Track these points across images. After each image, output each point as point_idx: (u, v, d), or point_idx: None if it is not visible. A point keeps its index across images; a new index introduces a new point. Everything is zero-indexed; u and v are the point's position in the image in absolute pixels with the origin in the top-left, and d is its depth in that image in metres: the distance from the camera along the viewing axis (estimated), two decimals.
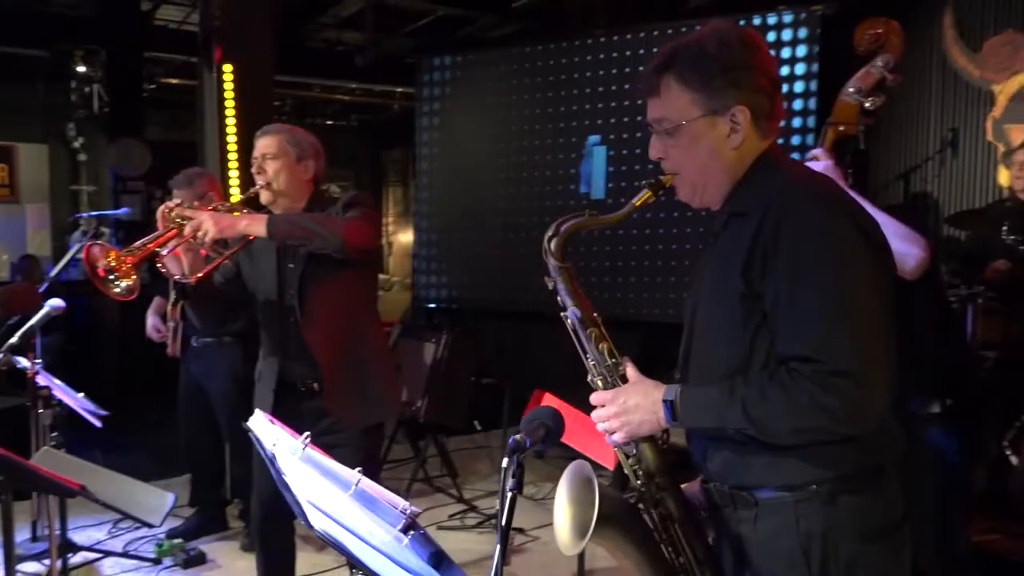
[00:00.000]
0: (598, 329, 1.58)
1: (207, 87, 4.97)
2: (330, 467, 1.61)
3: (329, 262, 2.51)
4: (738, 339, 1.42)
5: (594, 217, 1.57)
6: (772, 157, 1.51)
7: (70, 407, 3.36)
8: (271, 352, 2.67)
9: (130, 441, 5.74)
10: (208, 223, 2.36)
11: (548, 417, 1.51)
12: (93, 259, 2.31)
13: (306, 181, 2.66)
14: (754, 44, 1.47)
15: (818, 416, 1.29)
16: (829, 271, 1.32)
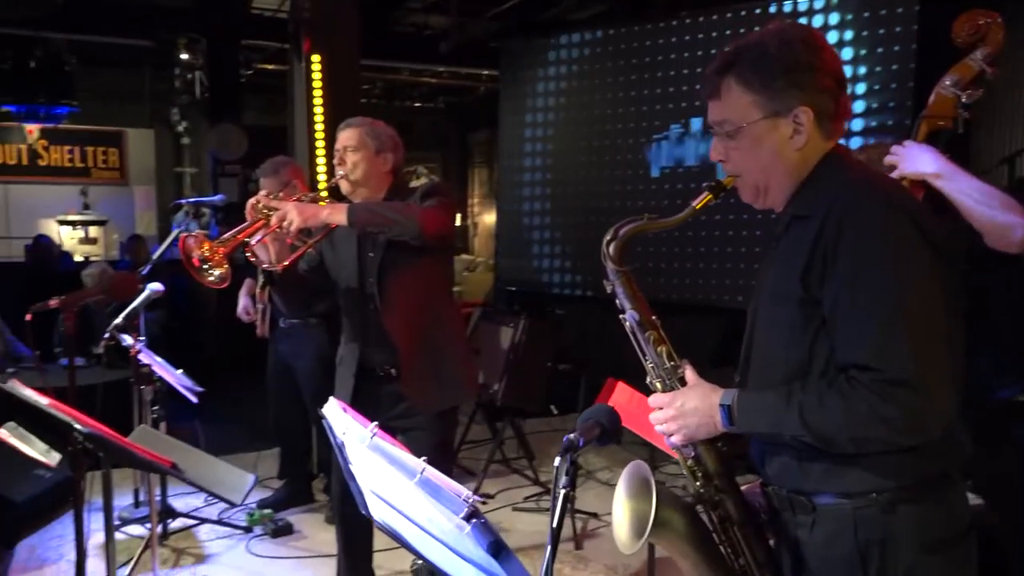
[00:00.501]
0: (657, 332, 1.58)
1: (296, 76, 5.13)
2: (396, 455, 1.67)
3: (407, 249, 2.58)
4: (797, 344, 1.40)
5: (653, 220, 1.57)
6: (836, 158, 1.47)
7: (169, 383, 3.56)
8: (352, 338, 2.77)
9: (225, 414, 6.03)
10: (293, 213, 2.46)
11: (604, 416, 1.52)
12: (188, 250, 2.45)
13: (385, 172, 2.73)
14: (817, 44, 1.44)
15: (876, 426, 1.27)
16: (888, 275, 1.29)
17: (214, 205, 5.81)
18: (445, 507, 1.61)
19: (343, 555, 2.92)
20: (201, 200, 5.07)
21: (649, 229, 1.58)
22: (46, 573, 3.56)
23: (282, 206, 2.48)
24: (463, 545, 1.53)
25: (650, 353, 1.58)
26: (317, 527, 4.00)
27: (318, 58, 4.77)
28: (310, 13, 4.76)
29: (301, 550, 3.78)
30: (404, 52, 8.62)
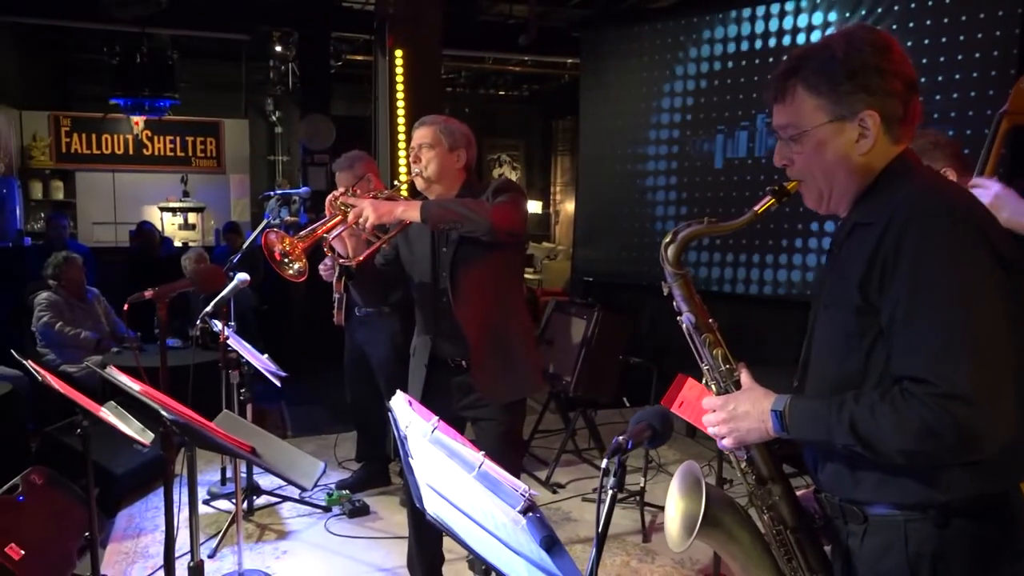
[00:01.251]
0: (713, 335, 1.59)
1: (380, 71, 5.26)
2: (456, 449, 1.74)
3: (479, 245, 2.64)
4: (853, 353, 1.39)
5: (713, 224, 1.57)
6: (905, 163, 1.44)
7: (255, 367, 3.74)
8: (424, 330, 2.85)
9: (310, 397, 6.28)
10: (368, 209, 2.55)
11: (656, 418, 1.55)
12: (270, 245, 2.58)
13: (458, 169, 2.78)
14: (886, 46, 1.40)
15: (927, 441, 1.24)
16: (949, 287, 1.26)
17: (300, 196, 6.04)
18: (502, 500, 1.67)
19: (414, 538, 3.03)
20: (287, 192, 5.26)
21: (709, 233, 1.59)
22: (142, 541, 3.80)
23: (358, 203, 2.57)
24: (516, 539, 1.58)
25: (706, 355, 1.59)
26: (392, 509, 4.14)
27: (401, 53, 4.87)
28: (394, 8, 4.87)
29: (376, 530, 3.92)
30: (488, 41, 8.67)
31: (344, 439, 5.03)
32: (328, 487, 4.31)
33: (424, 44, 5.00)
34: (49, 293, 5.32)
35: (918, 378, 1.26)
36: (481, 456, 1.70)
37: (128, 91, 7.85)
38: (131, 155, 10.28)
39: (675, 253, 1.59)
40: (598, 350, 4.60)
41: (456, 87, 11.79)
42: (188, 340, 5.57)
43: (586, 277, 6.67)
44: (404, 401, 1.95)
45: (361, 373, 4.24)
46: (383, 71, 5.20)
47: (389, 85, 5.12)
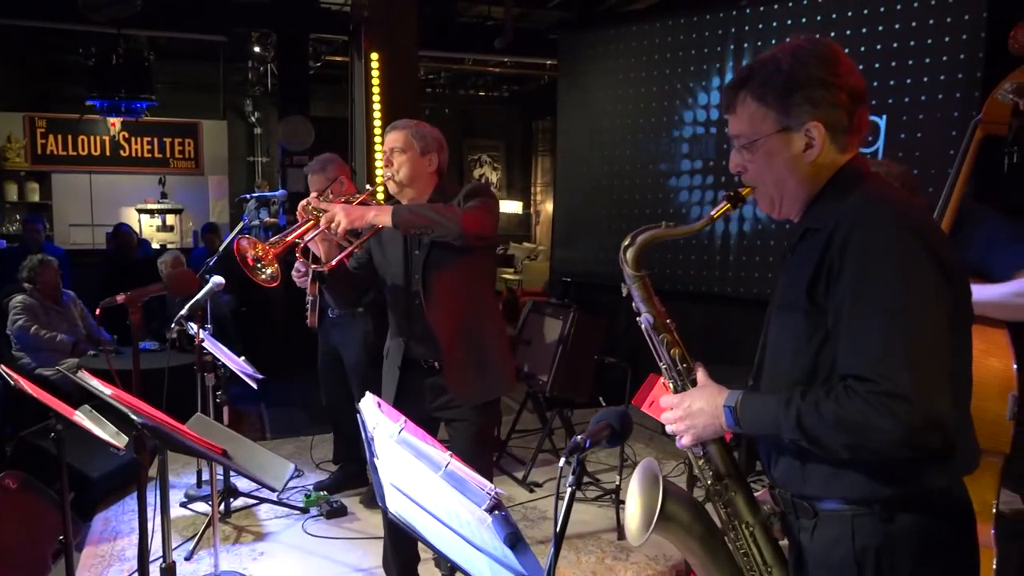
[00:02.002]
0: (670, 335, 1.64)
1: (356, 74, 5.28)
2: (423, 450, 1.78)
3: (450, 248, 2.67)
4: (802, 353, 1.45)
5: (671, 228, 1.62)
6: (853, 171, 1.49)
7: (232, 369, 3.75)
8: (397, 332, 2.89)
9: (290, 399, 6.29)
10: (340, 214, 2.57)
11: (615, 417, 1.59)
12: (243, 251, 2.60)
13: (430, 173, 2.82)
14: (832, 58, 1.46)
15: (868, 436, 1.29)
16: (891, 289, 1.31)
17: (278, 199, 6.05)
18: (469, 499, 1.71)
19: (389, 538, 3.06)
20: (264, 195, 5.28)
21: (666, 236, 1.64)
22: (119, 544, 3.81)
23: (330, 208, 2.60)
24: (481, 536, 1.62)
25: (664, 355, 1.64)
26: (370, 509, 4.17)
27: (376, 56, 4.91)
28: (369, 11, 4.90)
29: (353, 531, 3.95)
30: (467, 43, 8.71)
31: (321, 440, 5.06)
32: (306, 489, 4.33)
33: (400, 47, 5.04)
34: (24, 296, 5.30)
35: (861, 376, 1.32)
36: (447, 456, 1.74)
37: (104, 92, 7.81)
38: (108, 156, 10.23)
39: (634, 256, 1.64)
40: (574, 350, 4.65)
41: (436, 88, 11.80)
42: (165, 343, 5.58)
43: (565, 277, 6.72)
44: (373, 402, 1.98)
45: (335, 375, 4.26)
46: (359, 74, 5.23)
47: (365, 88, 5.15)
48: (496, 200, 2.85)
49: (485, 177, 13.57)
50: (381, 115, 5.14)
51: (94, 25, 7.15)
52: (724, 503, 1.65)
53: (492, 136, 13.59)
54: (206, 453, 2.00)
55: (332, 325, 4.21)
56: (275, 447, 5.14)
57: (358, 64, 5.23)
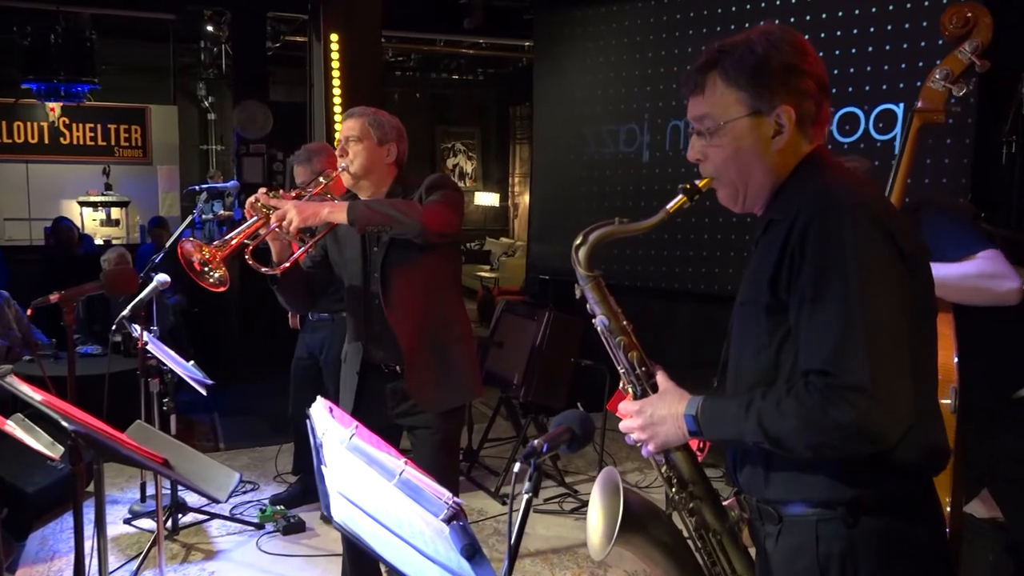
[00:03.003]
0: (628, 337, 1.69)
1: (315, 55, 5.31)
2: (376, 456, 1.82)
3: (411, 246, 2.70)
4: (764, 351, 1.50)
5: (624, 224, 1.67)
6: (816, 160, 1.55)
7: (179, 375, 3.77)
8: (355, 336, 2.92)
9: (246, 405, 6.30)
10: (292, 212, 2.59)
11: (576, 421, 1.64)
12: (188, 254, 2.61)
13: (388, 164, 2.85)
14: (802, 47, 1.53)
15: (830, 432, 1.35)
16: (848, 280, 1.37)
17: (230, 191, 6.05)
18: (425, 508, 1.76)
19: (347, 555, 3.10)
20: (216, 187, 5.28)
21: (619, 234, 1.69)
22: (56, 565, 3.81)
23: (281, 205, 2.61)
24: (435, 548, 1.66)
25: (621, 359, 1.69)
26: (330, 524, 4.19)
27: (336, 37, 4.93)
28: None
29: (312, 548, 3.98)
30: (436, 22, 8.73)
31: (280, 451, 5.07)
32: (261, 503, 4.36)
33: (362, 26, 5.06)
34: None
35: (821, 371, 1.37)
36: (402, 463, 1.78)
37: (42, 75, 7.74)
38: (47, 144, 10.15)
39: (586, 256, 1.69)
40: (550, 353, 4.71)
41: (405, 71, 11.83)
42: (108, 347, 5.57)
43: (542, 275, 6.77)
44: (324, 408, 2.02)
45: (308, 379, 4.30)
46: (318, 56, 5.25)
47: (324, 71, 5.17)
48: (460, 193, 2.88)
49: (459, 167, 13.61)
50: (341, 100, 5.16)
51: (30, 1, 7.11)
52: (689, 511, 1.70)
53: (467, 123, 13.63)
54: (145, 463, 2.02)
55: (312, 328, 4.24)
56: (229, 459, 5.16)
57: (317, 46, 5.25)
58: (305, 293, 2.94)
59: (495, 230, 13.22)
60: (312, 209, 2.63)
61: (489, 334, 5.21)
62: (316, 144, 4.20)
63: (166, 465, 2.06)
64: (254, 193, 2.75)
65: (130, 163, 10.46)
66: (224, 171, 10.70)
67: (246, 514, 4.27)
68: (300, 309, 3.95)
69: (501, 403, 5.11)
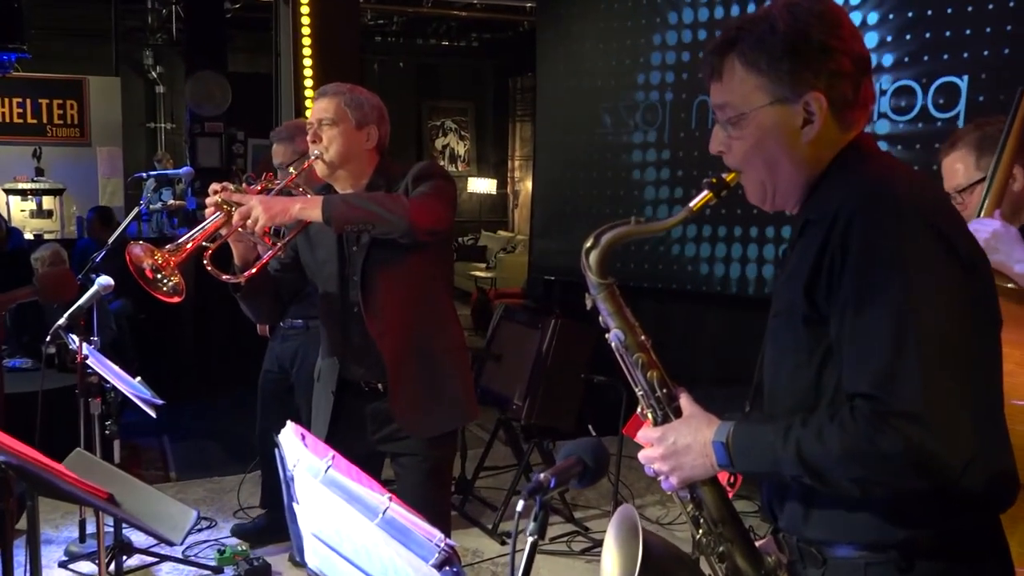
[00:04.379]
0: (646, 354, 1.70)
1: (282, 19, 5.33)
2: (356, 492, 1.83)
3: (395, 246, 2.72)
4: (803, 369, 1.52)
5: (641, 224, 1.68)
6: (858, 151, 1.57)
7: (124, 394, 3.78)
8: (331, 350, 2.93)
9: (201, 428, 6.33)
10: (258, 209, 2.59)
11: (587, 450, 1.66)
12: (137, 261, 2.62)
13: (368, 151, 2.87)
14: (834, 19, 1.54)
15: (877, 466, 1.36)
16: (898, 288, 1.38)
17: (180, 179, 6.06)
18: (412, 552, 1.77)
19: None
20: (166, 173, 5.30)
21: (636, 235, 1.70)
22: None
23: (245, 200, 2.61)
24: None
25: (639, 379, 1.71)
26: (299, 567, 4.21)
27: None
28: None
29: None
30: None
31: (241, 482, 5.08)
32: (219, 543, 4.37)
33: None
34: None
35: (867, 394, 1.39)
36: (386, 499, 1.80)
37: None
38: None
39: (598, 260, 1.70)
40: (556, 368, 4.72)
41: (386, 36, 11.87)
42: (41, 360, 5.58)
43: (546, 276, 6.79)
44: (295, 435, 2.04)
45: (277, 396, 4.32)
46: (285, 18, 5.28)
47: (293, 37, 5.20)
48: (452, 183, 2.90)
49: (450, 148, 13.63)
50: (313, 71, 5.19)
51: None
52: (719, 556, 1.72)
53: (458, 97, 13.67)
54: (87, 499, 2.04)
55: (283, 337, 4.26)
56: (181, 491, 5.18)
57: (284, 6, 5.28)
58: (272, 302, 2.95)
59: (492, 222, 13.26)
60: (281, 205, 2.63)
61: (485, 345, 5.23)
62: (298, 121, 4.22)
63: (111, 501, 2.08)
64: (210, 181, 2.76)
65: (65, 144, 10.45)
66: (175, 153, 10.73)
67: (202, 556, 4.28)
68: (266, 320, 3.96)
69: (499, 426, 5.12)
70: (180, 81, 10.44)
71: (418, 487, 2.87)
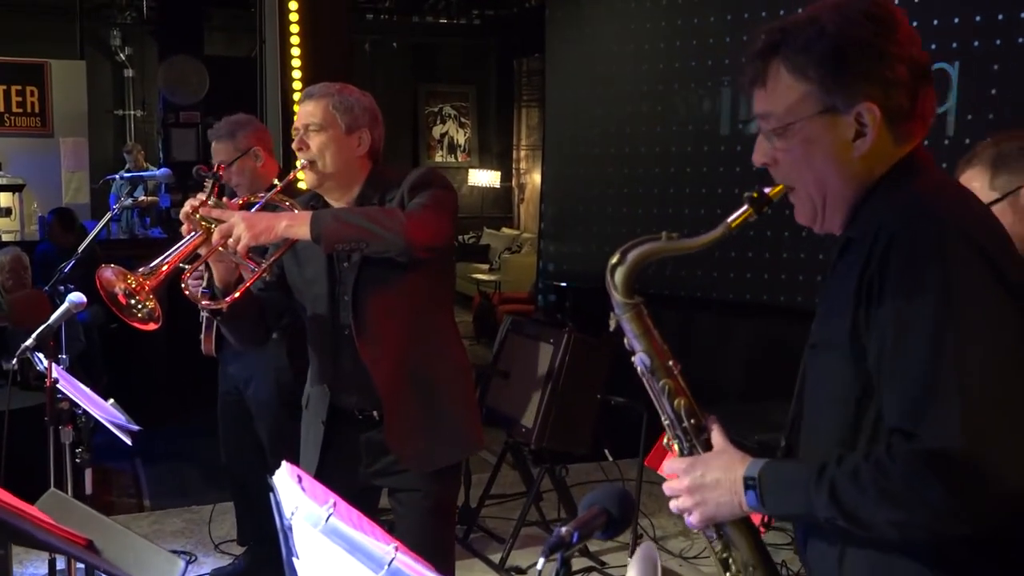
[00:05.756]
0: (674, 381, 1.72)
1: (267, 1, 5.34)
2: (359, 542, 1.86)
3: (390, 263, 2.73)
4: (841, 405, 1.54)
5: (673, 241, 1.69)
6: (911, 167, 1.58)
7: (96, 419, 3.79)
8: (320, 377, 2.95)
9: (178, 450, 6.33)
10: (241, 226, 2.58)
11: (612, 499, 1.67)
12: (108, 285, 2.63)
13: (359, 157, 2.87)
14: (889, 21, 1.54)
15: (915, 509, 1.38)
16: (937, 317, 1.39)
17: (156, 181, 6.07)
18: None
19: None
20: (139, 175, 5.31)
21: (667, 252, 1.71)
22: None
23: (226, 217, 2.62)
24: None
25: (666, 407, 1.73)
26: None
27: None
28: None
29: None
30: None
31: (223, 511, 5.10)
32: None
33: None
34: None
35: (906, 430, 1.41)
36: (392, 548, 1.82)
37: None
38: None
39: (625, 278, 1.72)
40: (569, 386, 4.72)
41: (379, 13, 11.86)
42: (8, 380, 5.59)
43: (557, 282, 6.80)
44: (291, 477, 2.05)
45: (238, 423, 4.32)
46: None
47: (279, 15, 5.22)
48: (452, 192, 2.91)
49: (449, 137, 13.64)
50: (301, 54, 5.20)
51: None
52: None
53: (459, 80, 13.67)
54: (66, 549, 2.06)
55: (234, 355, 4.26)
56: (157, 521, 5.21)
57: None
58: (256, 325, 2.95)
59: (495, 218, 13.27)
60: (266, 223, 2.63)
61: (492, 361, 5.24)
62: (240, 116, 4.22)
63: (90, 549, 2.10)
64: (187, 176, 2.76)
65: (25, 135, 10.48)
66: (147, 144, 10.74)
67: None
68: (249, 344, 3.93)
69: (507, 449, 5.13)
70: (152, 64, 10.47)
71: (419, 527, 2.89)
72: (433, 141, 13.57)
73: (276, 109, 5.29)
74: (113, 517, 3.83)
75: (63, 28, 10.78)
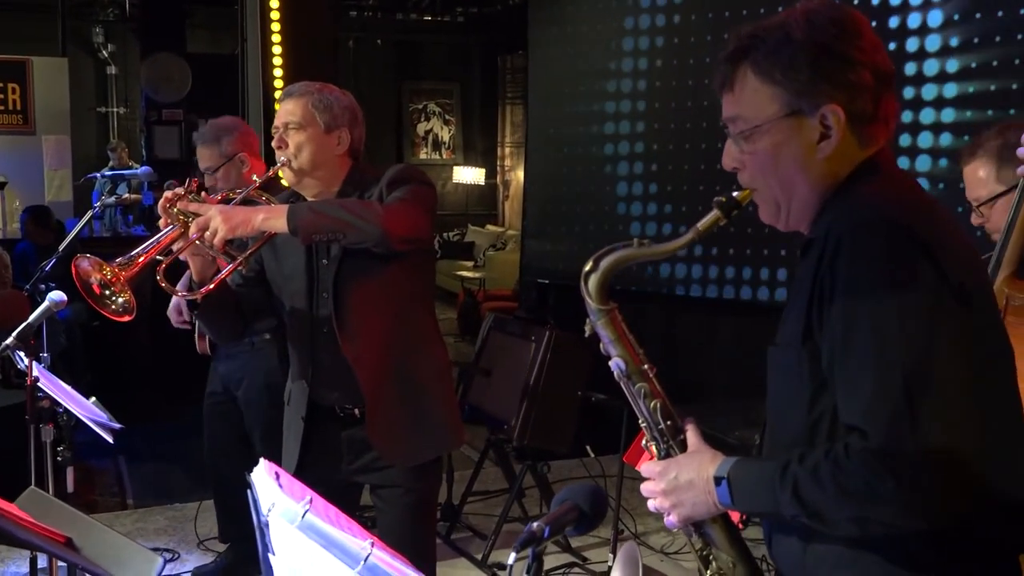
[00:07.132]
0: (649, 384, 1.76)
1: None
2: (336, 538, 1.88)
3: (369, 257, 2.75)
4: (799, 400, 1.57)
5: (645, 247, 1.73)
6: (871, 169, 1.62)
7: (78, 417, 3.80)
8: (300, 373, 2.96)
9: (161, 448, 6.32)
10: (217, 219, 2.60)
11: (584, 496, 1.70)
12: (85, 275, 2.63)
13: (339, 156, 2.90)
14: (854, 29, 1.59)
15: (871, 505, 1.41)
16: (883, 317, 1.43)
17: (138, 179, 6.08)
18: None
19: None
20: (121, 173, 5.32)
21: (639, 258, 1.75)
22: None
23: (204, 210, 2.64)
24: None
25: (642, 410, 1.76)
26: None
27: None
28: None
29: None
30: None
31: (206, 509, 5.11)
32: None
33: None
34: None
35: (859, 428, 1.44)
36: (368, 544, 1.84)
37: None
38: None
39: (599, 285, 1.75)
40: (551, 384, 4.74)
41: (362, 10, 11.86)
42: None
43: (539, 279, 6.82)
44: (269, 475, 2.07)
45: (225, 422, 4.33)
46: None
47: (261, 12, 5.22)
48: (431, 187, 2.93)
49: (433, 134, 13.65)
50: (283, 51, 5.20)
51: None
52: None
53: (443, 77, 13.66)
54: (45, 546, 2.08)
55: (226, 355, 4.27)
56: (140, 519, 5.21)
57: None
58: (234, 319, 2.96)
59: (480, 215, 13.27)
60: (243, 215, 2.65)
61: (474, 359, 5.26)
62: (225, 119, 4.22)
63: (69, 546, 2.11)
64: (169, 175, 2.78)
65: (6, 132, 10.44)
66: (130, 142, 10.72)
67: None
68: (227, 338, 3.93)
69: (489, 447, 5.15)
70: (134, 61, 10.42)
71: (400, 523, 2.91)
72: (418, 138, 13.58)
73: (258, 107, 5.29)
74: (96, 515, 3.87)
75: (45, 25, 10.74)
